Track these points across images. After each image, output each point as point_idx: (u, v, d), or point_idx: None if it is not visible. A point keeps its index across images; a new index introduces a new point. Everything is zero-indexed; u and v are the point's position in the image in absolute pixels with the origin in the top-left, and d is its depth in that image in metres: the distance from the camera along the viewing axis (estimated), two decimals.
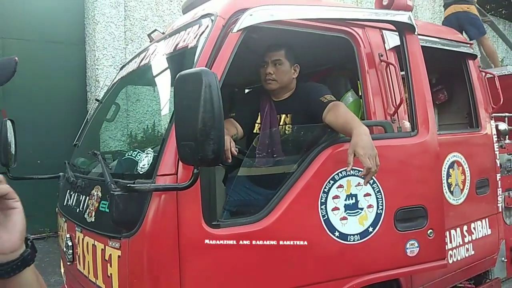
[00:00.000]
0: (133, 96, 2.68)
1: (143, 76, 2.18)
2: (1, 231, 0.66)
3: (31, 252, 0.70)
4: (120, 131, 2.59)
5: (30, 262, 0.70)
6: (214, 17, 1.71)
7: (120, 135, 2.60)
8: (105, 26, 4.75)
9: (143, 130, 2.39)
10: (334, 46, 2.20)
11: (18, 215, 0.68)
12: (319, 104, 1.82)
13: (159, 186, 1.45)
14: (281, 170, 1.86)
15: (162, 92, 2.02)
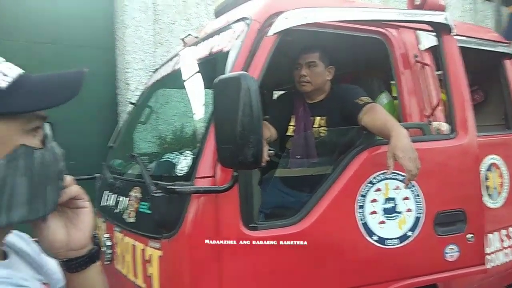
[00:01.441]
0: (167, 99, 2.72)
1: (177, 79, 2.21)
2: (72, 229, 0.70)
3: (97, 250, 0.75)
4: (154, 134, 2.63)
5: (96, 259, 0.74)
6: (249, 21, 1.72)
7: (155, 137, 2.64)
8: (134, 30, 4.84)
9: (179, 133, 2.42)
10: (367, 47, 2.18)
11: (88, 215, 0.72)
12: (355, 106, 1.80)
13: (199, 189, 1.47)
14: (316, 172, 1.86)
15: (198, 96, 2.05)
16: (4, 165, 0.57)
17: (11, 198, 0.58)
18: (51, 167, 0.64)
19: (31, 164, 0.60)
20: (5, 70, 0.59)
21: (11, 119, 0.58)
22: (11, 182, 0.58)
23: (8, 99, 0.57)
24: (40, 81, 0.62)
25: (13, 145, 0.58)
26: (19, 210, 0.59)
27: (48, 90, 0.62)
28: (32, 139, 0.62)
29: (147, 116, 2.72)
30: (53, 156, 0.65)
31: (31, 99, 0.59)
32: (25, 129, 0.60)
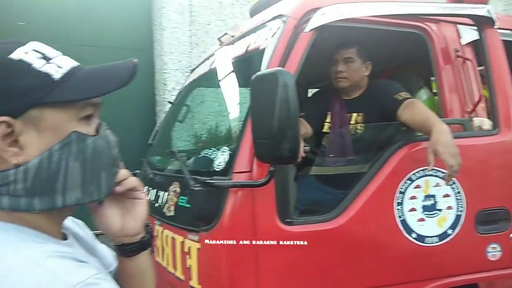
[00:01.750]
0: (204, 98, 2.78)
1: (214, 78, 2.26)
2: (127, 217, 0.76)
3: (149, 238, 0.80)
4: (192, 131, 2.70)
5: (147, 246, 0.79)
6: (286, 18, 1.74)
7: (192, 135, 2.71)
8: (171, 31, 4.96)
9: (215, 130, 2.48)
10: (405, 42, 2.14)
11: (143, 205, 0.77)
12: (394, 102, 1.78)
13: (237, 183, 1.50)
14: (353, 169, 1.85)
15: (234, 93, 2.08)
16: (57, 150, 0.61)
17: (65, 181, 0.62)
18: (104, 153, 0.67)
19: (83, 150, 0.63)
20: (60, 63, 0.63)
21: (64, 107, 0.62)
22: (64, 166, 0.62)
23: (61, 88, 0.61)
24: (92, 71, 0.66)
25: (66, 132, 0.62)
26: (74, 193, 0.63)
27: (99, 79, 0.65)
28: (86, 126, 0.65)
29: (184, 114, 2.80)
30: (107, 143, 0.68)
31: (82, 88, 0.63)
32: (78, 116, 0.64)
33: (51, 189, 0.62)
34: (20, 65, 0.60)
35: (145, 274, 0.81)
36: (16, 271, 0.54)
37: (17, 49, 0.61)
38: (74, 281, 0.55)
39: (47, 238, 0.63)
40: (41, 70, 0.61)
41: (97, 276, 0.59)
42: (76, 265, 0.59)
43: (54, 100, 0.60)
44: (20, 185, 0.60)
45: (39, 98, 0.59)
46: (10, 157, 0.59)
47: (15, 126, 0.59)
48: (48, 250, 0.59)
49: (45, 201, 0.62)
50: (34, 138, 0.60)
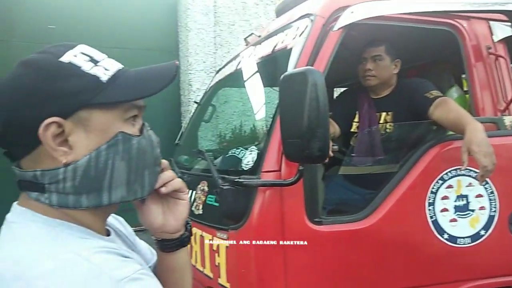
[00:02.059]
0: (230, 97, 2.80)
1: (241, 78, 2.28)
2: (170, 215, 0.78)
3: (188, 235, 0.82)
4: (219, 131, 2.72)
5: (186, 243, 0.82)
6: (314, 17, 1.73)
7: (219, 134, 2.73)
8: (196, 32, 5.01)
9: (243, 129, 2.49)
10: (435, 40, 2.10)
11: (185, 206, 0.80)
12: (425, 100, 1.75)
13: (266, 182, 1.51)
14: (382, 169, 1.83)
15: (261, 93, 2.09)
16: (105, 150, 0.64)
17: (111, 179, 0.65)
18: (148, 153, 0.70)
19: (129, 150, 0.66)
20: (106, 65, 0.66)
21: (111, 108, 0.65)
22: (111, 166, 0.64)
23: (107, 90, 0.63)
24: (136, 74, 0.68)
25: (113, 132, 0.65)
26: (119, 191, 0.66)
27: (144, 81, 0.68)
28: (131, 127, 0.67)
29: (210, 114, 2.82)
30: (150, 143, 0.71)
31: (128, 89, 0.65)
32: (124, 118, 0.66)
33: (98, 187, 0.64)
34: (70, 68, 0.62)
35: (182, 269, 0.83)
36: (65, 266, 0.56)
37: (66, 52, 0.64)
38: (120, 276, 0.57)
39: (92, 234, 0.65)
40: (90, 72, 0.63)
41: (141, 272, 0.60)
42: (121, 260, 0.61)
43: (102, 101, 0.63)
44: (69, 183, 0.63)
45: (88, 100, 0.62)
46: (60, 156, 0.62)
47: (65, 127, 0.61)
48: (94, 246, 0.61)
49: (92, 198, 0.64)
50: (83, 138, 0.63)
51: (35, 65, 0.62)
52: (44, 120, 0.60)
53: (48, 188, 0.62)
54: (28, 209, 0.64)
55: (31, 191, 0.64)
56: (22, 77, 0.61)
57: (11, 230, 0.63)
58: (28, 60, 0.63)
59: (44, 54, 0.64)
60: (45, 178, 0.62)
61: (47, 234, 0.61)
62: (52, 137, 0.61)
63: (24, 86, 0.61)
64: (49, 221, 0.63)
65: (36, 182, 0.63)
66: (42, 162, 0.63)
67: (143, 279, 0.60)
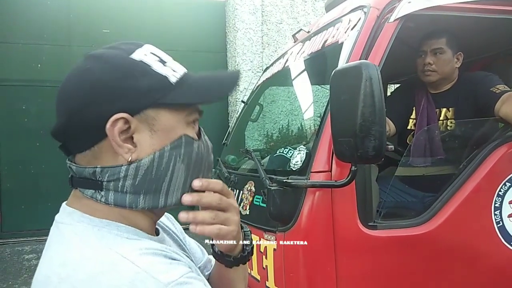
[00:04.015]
0: (278, 96, 2.75)
1: (289, 76, 2.22)
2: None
3: (246, 255, 0.79)
4: (266, 130, 2.68)
5: (244, 262, 0.79)
6: (367, 9, 1.64)
7: (266, 134, 2.69)
8: (244, 32, 5.02)
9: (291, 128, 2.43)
10: (501, 30, 1.93)
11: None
12: (490, 95, 1.60)
13: (316, 183, 1.44)
14: (443, 170, 1.70)
15: (310, 90, 2.02)
16: (168, 151, 0.62)
17: (170, 181, 0.63)
18: (204, 157, 0.68)
19: (190, 153, 0.65)
20: (174, 67, 0.66)
21: (177, 110, 0.64)
22: (172, 167, 0.63)
23: (176, 92, 0.63)
24: (201, 79, 0.67)
25: (177, 134, 0.64)
26: (175, 194, 0.64)
27: (208, 86, 0.67)
28: (192, 131, 0.67)
29: (257, 113, 2.79)
30: (206, 148, 0.70)
31: (194, 93, 0.65)
32: (187, 121, 0.65)
33: (156, 188, 0.63)
34: (141, 66, 0.62)
35: (237, 282, 0.79)
36: (110, 269, 0.54)
37: (136, 50, 0.63)
38: (167, 280, 0.55)
39: (140, 234, 0.63)
40: (160, 72, 0.63)
41: (189, 275, 0.58)
42: (169, 263, 0.58)
43: (171, 102, 0.62)
44: (129, 181, 0.61)
45: (158, 99, 0.61)
46: (125, 154, 0.61)
47: (132, 124, 0.60)
48: (141, 247, 0.58)
49: (149, 199, 0.63)
50: (148, 137, 0.62)
51: (107, 60, 0.62)
52: (113, 115, 0.59)
53: (106, 186, 0.62)
54: (76, 210, 0.63)
55: (87, 188, 0.63)
56: (93, 70, 0.61)
57: (59, 231, 0.62)
58: (99, 54, 0.63)
59: (115, 50, 0.63)
60: (104, 175, 0.61)
61: (94, 235, 0.59)
62: (118, 133, 0.60)
63: (96, 79, 0.60)
64: (96, 221, 0.61)
65: (94, 179, 0.62)
66: (102, 158, 0.62)
67: (191, 283, 0.57)
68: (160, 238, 0.69)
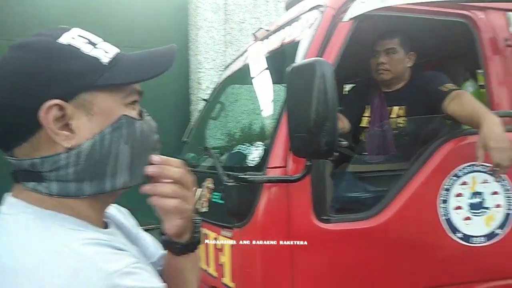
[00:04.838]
0: (238, 94, 2.76)
1: (248, 74, 2.23)
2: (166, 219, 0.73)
3: (196, 241, 0.77)
4: (226, 128, 2.68)
5: (192, 250, 0.77)
6: (324, 8, 1.68)
7: (226, 131, 2.69)
8: (206, 31, 4.98)
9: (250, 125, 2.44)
10: (450, 32, 2.03)
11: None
12: (439, 94, 1.68)
13: (272, 178, 1.46)
14: (394, 166, 1.76)
15: (268, 88, 2.04)
16: (109, 133, 0.61)
17: (115, 164, 0.62)
18: (149, 137, 0.68)
19: (133, 133, 0.64)
20: (106, 48, 0.64)
21: (113, 91, 0.62)
22: (115, 150, 0.62)
23: (110, 72, 0.61)
24: (135, 57, 0.66)
25: (116, 115, 0.62)
26: (122, 176, 0.63)
27: (143, 64, 0.66)
28: (132, 111, 0.66)
29: (218, 111, 2.78)
30: (150, 127, 0.69)
31: (129, 72, 0.63)
32: (125, 102, 0.64)
33: (101, 173, 0.61)
34: (70, 49, 0.60)
35: (188, 273, 0.78)
36: (53, 258, 0.53)
37: (63, 34, 0.61)
38: (111, 269, 0.53)
39: (86, 225, 0.62)
40: (90, 54, 0.61)
41: (135, 265, 0.57)
42: (113, 253, 0.57)
43: (105, 83, 0.61)
44: (72, 169, 0.60)
45: (91, 82, 0.60)
46: (63, 141, 0.59)
47: (67, 110, 0.59)
48: (85, 237, 0.57)
49: (95, 185, 0.61)
50: (85, 121, 0.60)
51: (32, 47, 0.60)
52: (45, 103, 0.57)
53: (47, 177, 0.60)
54: (20, 200, 0.61)
55: (28, 181, 0.60)
56: (19, 59, 0.59)
57: (2, 222, 0.60)
58: (23, 43, 0.61)
59: (40, 37, 0.62)
60: (45, 166, 0.59)
61: (37, 226, 0.58)
62: (53, 121, 0.58)
63: (23, 68, 0.58)
64: (41, 212, 0.59)
65: (34, 171, 0.60)
66: (40, 149, 0.60)
67: (137, 273, 0.56)
68: (109, 231, 0.67)
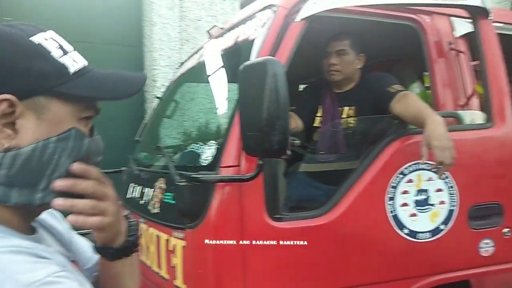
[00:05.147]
0: (192, 92, 2.72)
1: (202, 72, 2.21)
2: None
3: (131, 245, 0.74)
4: (180, 127, 2.63)
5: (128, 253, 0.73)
6: (276, 8, 1.69)
7: (180, 130, 2.64)
8: (161, 27, 4.88)
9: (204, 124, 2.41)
10: (398, 35, 2.10)
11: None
12: (387, 95, 1.73)
13: (224, 177, 1.44)
14: (344, 165, 1.80)
15: (222, 86, 2.02)
16: (54, 143, 0.58)
17: (51, 177, 0.58)
18: (93, 157, 0.64)
19: (78, 148, 0.60)
20: (75, 57, 0.62)
21: (71, 102, 0.60)
22: (55, 161, 0.58)
23: (73, 82, 0.59)
24: (102, 74, 0.64)
25: (66, 127, 0.59)
26: (55, 192, 0.59)
27: (110, 83, 0.64)
28: (84, 127, 0.63)
29: (173, 110, 2.73)
30: (97, 148, 0.66)
31: (92, 87, 0.61)
32: (80, 116, 0.61)
33: (34, 183, 0.58)
34: (39, 50, 0.58)
35: (123, 278, 0.74)
36: None
37: (37, 33, 0.59)
38: (29, 280, 0.50)
39: (8, 232, 0.57)
40: (59, 60, 0.59)
41: (58, 274, 0.53)
42: (34, 262, 0.53)
43: (66, 92, 0.58)
44: (4, 171, 0.56)
45: (52, 86, 0.57)
46: (3, 139, 0.55)
47: (17, 108, 0.55)
48: (2, 245, 0.53)
49: (24, 194, 0.57)
50: (33, 125, 0.57)
51: (2, 37, 0.57)
52: None
53: None
54: None
55: None
56: None
57: None
58: None
59: (13, 29, 0.59)
60: None
61: None
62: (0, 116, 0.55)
63: None
64: None
65: None
66: None
67: (59, 283, 0.52)
68: (36, 237, 0.63)
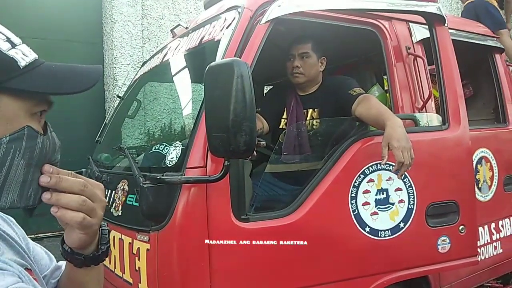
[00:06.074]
0: (155, 92, 2.67)
1: (166, 71, 2.17)
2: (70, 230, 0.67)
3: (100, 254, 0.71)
4: (143, 127, 2.58)
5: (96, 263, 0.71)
6: (241, 9, 1.69)
7: (143, 130, 2.59)
8: (122, 25, 4.76)
9: (168, 125, 2.38)
10: (359, 39, 2.17)
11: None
12: (349, 97, 1.78)
13: (190, 178, 1.43)
14: (308, 165, 1.83)
15: (187, 86, 2.01)
16: (6, 143, 0.55)
17: (5, 179, 0.55)
18: (49, 155, 0.61)
19: (32, 148, 0.57)
20: (25, 51, 0.59)
21: (22, 98, 0.57)
22: (9, 163, 0.55)
23: (24, 77, 0.56)
24: (55, 68, 0.61)
25: (19, 124, 0.56)
26: (10, 194, 0.56)
27: (62, 77, 0.61)
28: (37, 123, 0.60)
29: (135, 109, 2.67)
30: (53, 145, 0.63)
31: (45, 81, 0.58)
32: (32, 111, 0.58)
33: None
34: None
35: (89, 285, 0.72)
36: None
37: None
38: None
39: None
40: (7, 53, 0.56)
41: (16, 286, 0.51)
42: None
43: (17, 87, 0.55)
44: None
45: (0, 82, 0.54)
46: None
47: None
48: None
49: None
50: None
51: None
52: None
53: None
54: None
55: None
56: None
57: None
58: None
59: None
60: None
61: None
62: None
63: None
64: None
65: None
66: None
67: None
68: None
